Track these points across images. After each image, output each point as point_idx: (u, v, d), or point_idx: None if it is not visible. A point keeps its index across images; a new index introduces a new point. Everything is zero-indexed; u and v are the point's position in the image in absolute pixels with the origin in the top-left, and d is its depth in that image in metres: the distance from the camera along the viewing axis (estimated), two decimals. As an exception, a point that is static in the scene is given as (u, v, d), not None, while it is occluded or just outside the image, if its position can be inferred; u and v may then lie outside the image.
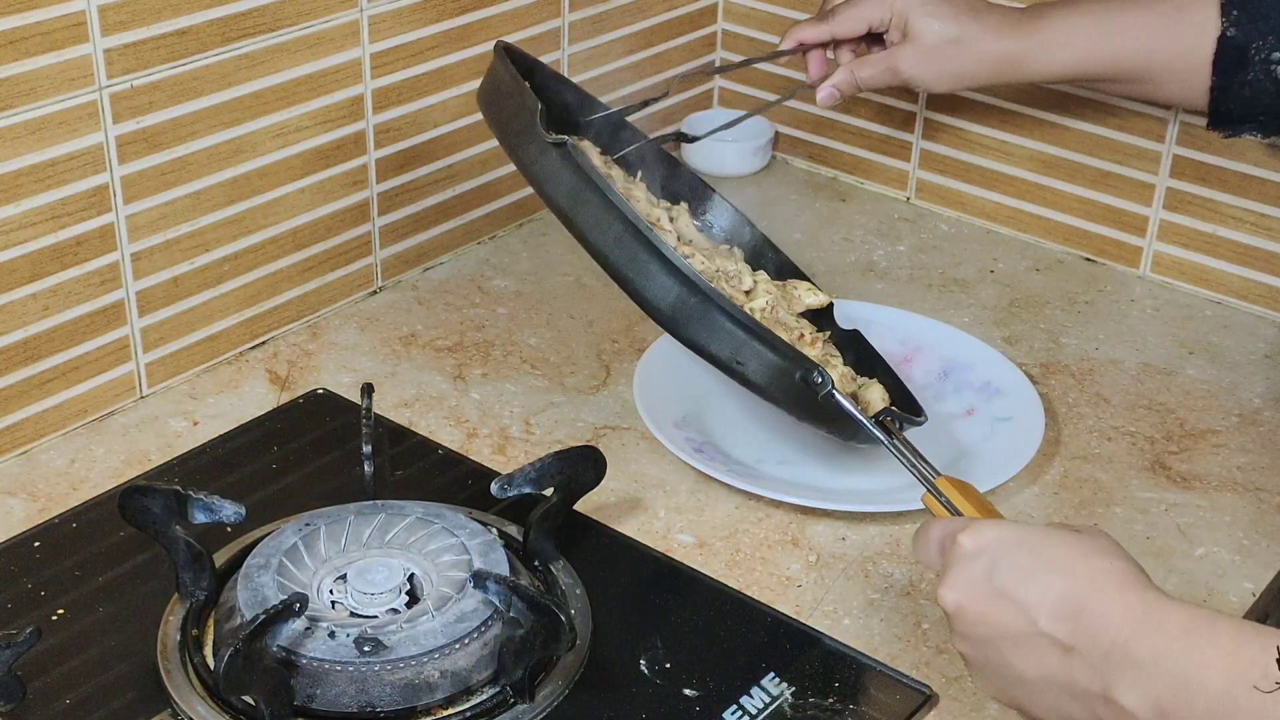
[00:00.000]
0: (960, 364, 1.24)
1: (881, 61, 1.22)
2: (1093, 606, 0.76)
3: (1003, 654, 0.79)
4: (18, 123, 1.04)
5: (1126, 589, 0.76)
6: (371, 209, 1.32)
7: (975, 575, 0.79)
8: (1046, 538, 0.80)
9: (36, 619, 0.95)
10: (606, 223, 1.02)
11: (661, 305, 1.01)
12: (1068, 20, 1.19)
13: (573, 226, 1.04)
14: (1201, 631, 0.73)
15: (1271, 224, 1.34)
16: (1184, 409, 1.23)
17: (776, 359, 1.01)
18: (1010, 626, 0.78)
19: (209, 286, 1.21)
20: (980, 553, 0.80)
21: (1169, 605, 0.75)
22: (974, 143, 1.48)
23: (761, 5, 1.56)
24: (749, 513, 1.09)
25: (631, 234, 1.01)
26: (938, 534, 0.84)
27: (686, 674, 0.93)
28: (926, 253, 1.46)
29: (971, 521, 0.83)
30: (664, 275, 1.01)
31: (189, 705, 0.89)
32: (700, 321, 1.01)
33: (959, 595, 0.80)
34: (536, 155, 1.04)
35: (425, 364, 1.25)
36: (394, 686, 0.88)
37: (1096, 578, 0.77)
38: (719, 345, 1.01)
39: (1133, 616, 0.75)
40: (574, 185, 1.03)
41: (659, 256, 1.01)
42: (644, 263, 1.01)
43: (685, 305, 1.01)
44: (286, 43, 1.19)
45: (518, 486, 0.99)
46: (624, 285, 1.03)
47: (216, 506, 0.95)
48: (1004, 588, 0.78)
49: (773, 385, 1.02)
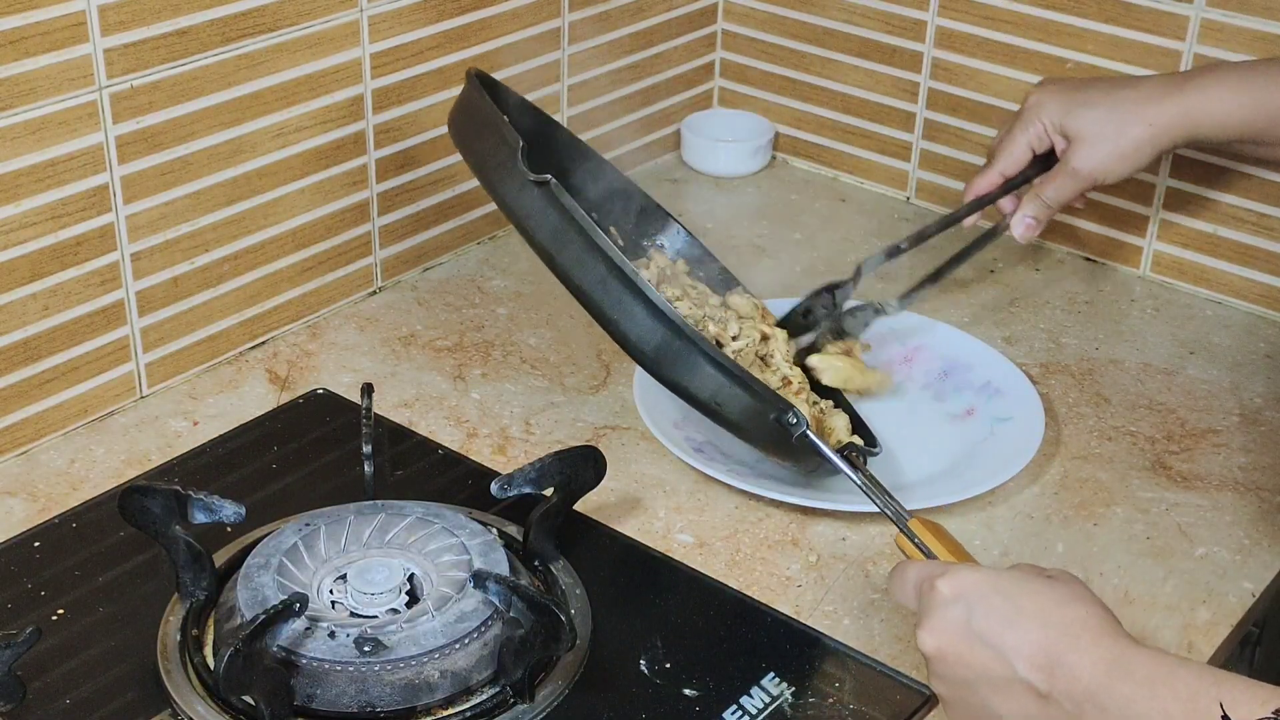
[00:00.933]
0: (960, 364, 1.24)
1: (1060, 171, 1.21)
2: (1067, 656, 0.80)
3: (980, 696, 0.83)
4: (18, 123, 1.04)
5: (1100, 638, 0.80)
6: (371, 209, 1.32)
7: (954, 620, 0.83)
8: (1022, 585, 0.83)
9: (36, 619, 0.95)
10: (590, 264, 1.02)
11: (645, 348, 1.02)
12: (1223, 75, 1.18)
13: (554, 265, 1.04)
14: (1164, 681, 0.77)
15: (1271, 224, 1.34)
16: (1184, 409, 1.23)
17: (753, 401, 1.02)
18: (989, 671, 0.82)
19: (209, 286, 1.21)
20: (958, 598, 0.83)
21: (1136, 654, 0.79)
22: (974, 143, 1.48)
23: (761, 5, 1.56)
24: (749, 513, 1.09)
25: (616, 276, 1.01)
26: (914, 577, 0.88)
27: (686, 674, 0.93)
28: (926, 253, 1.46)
29: (949, 567, 0.87)
30: (648, 318, 1.01)
31: (189, 705, 0.89)
32: (683, 364, 1.02)
33: (938, 640, 0.83)
34: (516, 192, 1.04)
35: (425, 364, 1.25)
36: (394, 686, 0.88)
37: (1071, 627, 0.81)
38: (699, 386, 1.02)
39: (1104, 665, 0.79)
40: (557, 225, 1.02)
41: (643, 300, 1.01)
42: (628, 305, 1.02)
43: (669, 348, 1.02)
44: (286, 43, 1.19)
45: (518, 486, 0.99)
46: (607, 326, 1.03)
47: (216, 506, 0.95)
48: (983, 634, 0.82)
49: (749, 424, 1.03)
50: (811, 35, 1.54)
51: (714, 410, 1.03)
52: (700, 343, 1.01)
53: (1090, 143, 1.19)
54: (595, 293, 1.02)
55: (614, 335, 1.03)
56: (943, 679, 0.85)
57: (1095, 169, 1.20)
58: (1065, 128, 1.20)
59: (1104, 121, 1.18)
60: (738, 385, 1.01)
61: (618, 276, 1.01)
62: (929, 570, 0.87)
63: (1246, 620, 1.03)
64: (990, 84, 1.45)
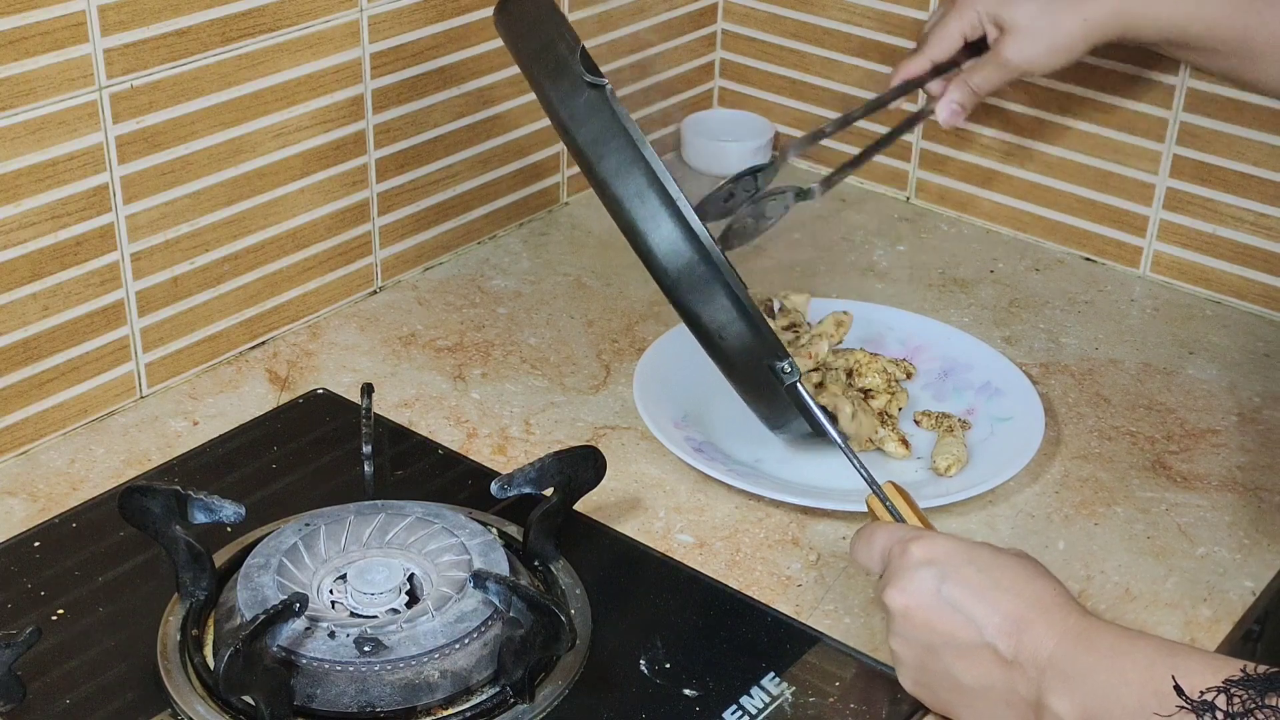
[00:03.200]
0: (960, 364, 1.24)
1: (989, 61, 1.20)
2: (1035, 626, 0.83)
3: (944, 661, 0.86)
4: (18, 123, 1.04)
5: (1066, 612, 0.84)
6: (371, 209, 1.32)
7: (925, 584, 0.86)
8: (994, 558, 0.87)
9: (36, 619, 0.95)
10: (631, 174, 0.99)
11: (669, 267, 0.99)
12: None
13: (593, 172, 1.00)
14: (1125, 652, 0.80)
15: (1271, 224, 1.34)
16: (1184, 409, 1.23)
17: (755, 341, 1.00)
18: (956, 636, 0.84)
19: (209, 286, 1.21)
20: (931, 563, 0.86)
21: (1098, 626, 0.83)
22: (974, 143, 1.48)
23: (761, 5, 1.56)
24: (749, 513, 1.09)
25: (655, 190, 0.98)
26: (884, 539, 0.90)
27: (686, 674, 0.93)
28: (926, 253, 1.46)
29: (923, 532, 0.90)
30: (680, 239, 0.99)
31: (189, 705, 0.89)
32: (702, 290, 0.99)
33: (907, 600, 0.86)
34: (567, 93, 1.01)
35: (425, 364, 1.25)
36: (394, 686, 0.88)
37: (1040, 599, 0.84)
38: (710, 316, 1.00)
39: (1070, 636, 0.82)
40: (603, 130, 0.99)
41: (679, 217, 0.98)
42: (662, 222, 0.99)
43: (693, 273, 0.99)
44: (286, 43, 1.19)
45: (518, 486, 0.99)
46: (634, 239, 1.00)
47: (216, 506, 0.95)
48: (954, 599, 0.85)
49: (743, 364, 1.01)
50: (811, 35, 1.54)
51: (715, 343, 1.01)
52: (725, 273, 0.99)
53: (1023, 35, 1.17)
54: (631, 204, 0.99)
55: (640, 250, 1.00)
56: (904, 639, 0.87)
57: (1025, 61, 1.19)
58: (999, 18, 1.19)
59: (1038, 15, 1.17)
60: (747, 323, 1.00)
61: (657, 191, 0.98)
62: (901, 533, 0.90)
63: (1248, 618, 1.03)
64: (990, 84, 1.45)
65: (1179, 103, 1.35)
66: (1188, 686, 0.77)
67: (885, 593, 0.87)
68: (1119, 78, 1.37)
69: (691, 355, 1.23)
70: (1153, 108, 1.36)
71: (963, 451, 1.13)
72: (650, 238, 0.99)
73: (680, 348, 1.24)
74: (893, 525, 0.93)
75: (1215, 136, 1.34)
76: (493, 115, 1.39)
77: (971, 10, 1.20)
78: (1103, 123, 1.40)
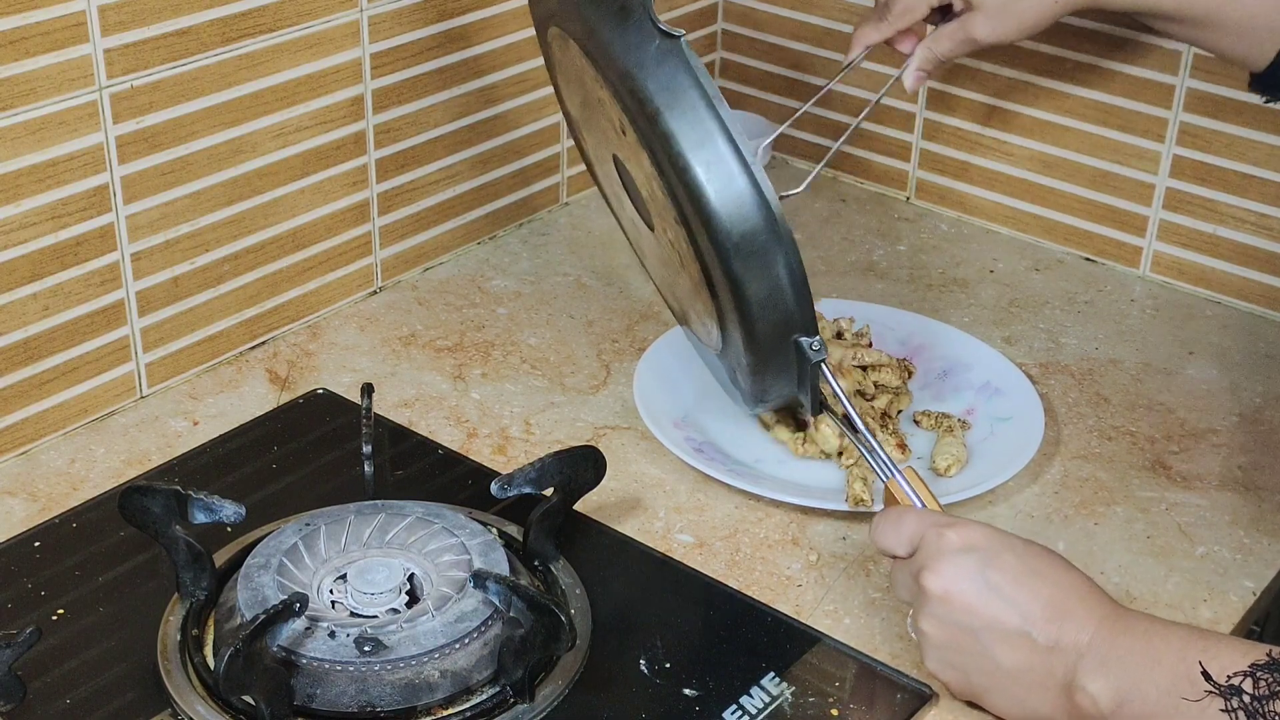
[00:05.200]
0: (960, 364, 1.24)
1: (957, 33, 1.17)
2: (1076, 612, 0.85)
3: (982, 643, 0.87)
4: (18, 123, 1.04)
5: (1101, 599, 0.87)
6: (371, 209, 1.32)
7: (967, 569, 0.87)
8: (1026, 547, 0.89)
9: (36, 619, 0.95)
10: (703, 132, 0.95)
11: (731, 229, 0.95)
12: None
13: (657, 123, 0.96)
14: (1158, 636, 0.83)
15: (1271, 224, 1.34)
16: (1184, 409, 1.23)
17: (796, 314, 0.99)
18: (999, 621, 0.86)
19: (209, 286, 1.21)
20: (972, 549, 0.88)
21: (1132, 614, 0.86)
22: (974, 143, 1.48)
23: (761, 5, 1.56)
24: (749, 513, 1.09)
25: (730, 149, 0.95)
26: (915, 524, 0.91)
27: (686, 674, 0.93)
28: (926, 253, 1.46)
29: (957, 519, 0.91)
30: (749, 204, 0.95)
31: (189, 705, 0.89)
32: (761, 257, 0.96)
33: (947, 583, 0.87)
34: (635, 42, 0.96)
35: (425, 364, 1.25)
36: (394, 686, 0.88)
37: (1076, 587, 0.87)
38: (761, 283, 0.97)
39: (1107, 622, 0.85)
40: (675, 81, 0.95)
41: (751, 181, 0.95)
42: (732, 182, 0.95)
43: (755, 239, 0.96)
44: (286, 43, 1.19)
45: (518, 486, 0.99)
46: (696, 199, 0.96)
47: (216, 506, 0.95)
48: (997, 585, 0.86)
49: (771, 334, 1.00)
50: (811, 35, 1.54)
51: (752, 310, 0.98)
52: (788, 243, 0.96)
53: (991, 13, 1.14)
54: (698, 158, 0.95)
55: (701, 210, 0.96)
56: (940, 620, 0.88)
57: (993, 37, 1.16)
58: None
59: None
60: (794, 295, 0.98)
61: (732, 150, 0.95)
62: (934, 519, 0.91)
63: (1248, 618, 1.03)
64: (989, 84, 1.45)
65: (1179, 103, 1.35)
66: (1215, 671, 0.79)
67: (922, 576, 0.88)
68: (1119, 77, 1.37)
69: (691, 355, 1.23)
70: (1153, 108, 1.36)
71: (963, 451, 1.13)
72: (716, 200, 0.95)
73: (680, 348, 1.24)
74: (922, 511, 0.93)
75: (1215, 136, 1.34)
76: (493, 115, 1.39)
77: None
78: (1103, 122, 1.40)
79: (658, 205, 1.03)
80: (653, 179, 1.00)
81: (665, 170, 0.97)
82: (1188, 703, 0.79)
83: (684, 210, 0.97)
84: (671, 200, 0.98)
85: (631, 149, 1.02)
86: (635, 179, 1.07)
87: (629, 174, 1.08)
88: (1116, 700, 0.82)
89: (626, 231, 1.21)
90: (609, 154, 1.11)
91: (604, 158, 1.14)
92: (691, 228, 0.98)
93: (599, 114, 1.07)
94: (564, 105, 1.18)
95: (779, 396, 1.06)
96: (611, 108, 1.01)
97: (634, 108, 0.97)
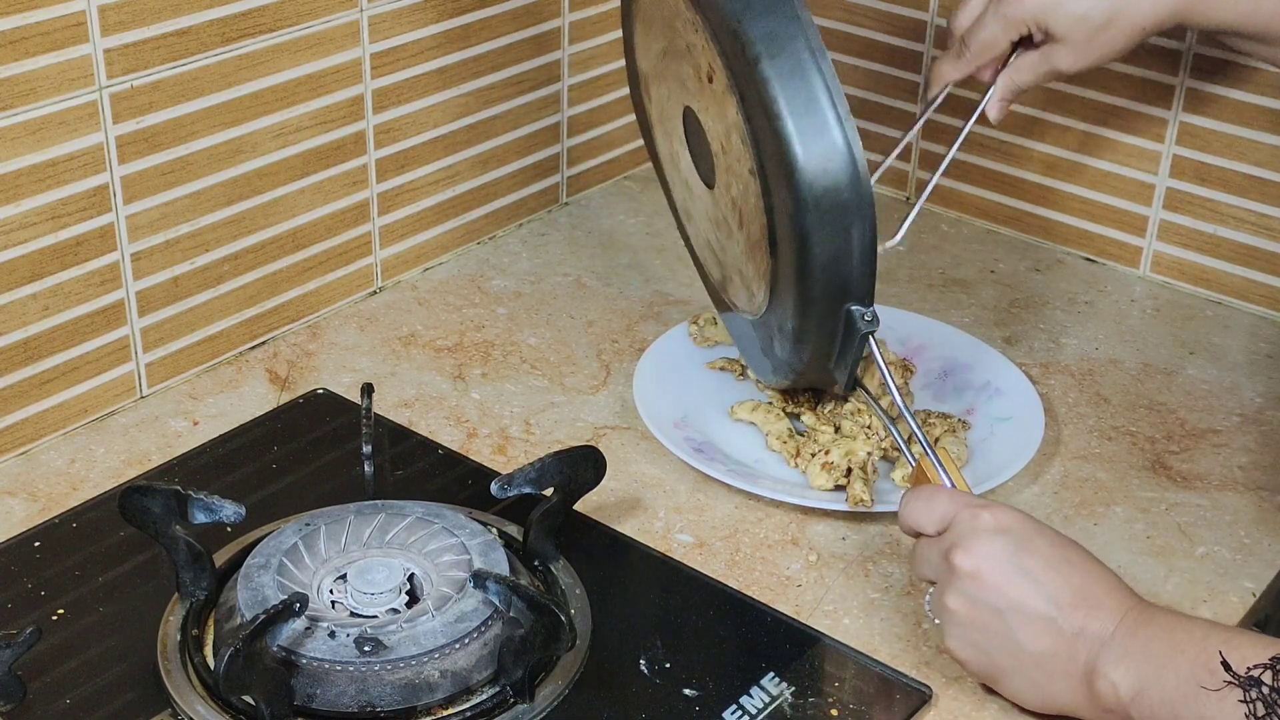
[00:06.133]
0: (960, 364, 1.24)
1: (1039, 64, 1.14)
2: (1104, 601, 0.87)
3: (1007, 624, 0.88)
4: (18, 123, 1.04)
5: (1126, 592, 0.88)
6: (371, 209, 1.32)
7: (1000, 550, 0.88)
8: (1055, 535, 0.90)
9: (36, 619, 0.95)
10: (802, 82, 0.94)
11: (814, 183, 0.94)
12: None
13: (756, 71, 0.95)
14: (1180, 628, 0.84)
15: (1271, 224, 1.34)
16: (1184, 409, 1.23)
17: (857, 282, 0.98)
18: (1025, 604, 0.87)
19: (209, 286, 1.21)
20: (1006, 531, 0.89)
21: (1155, 607, 0.87)
22: (974, 143, 1.48)
23: (761, 5, 1.56)
24: (749, 513, 1.09)
25: (829, 103, 0.94)
26: (948, 503, 0.92)
27: (686, 674, 0.93)
28: (926, 253, 1.46)
29: (990, 502, 0.92)
30: (841, 158, 0.95)
31: (189, 705, 0.89)
32: (839, 216, 0.96)
33: (980, 562, 0.88)
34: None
35: (425, 364, 1.25)
36: (394, 686, 0.88)
37: (1105, 579, 0.88)
38: (830, 243, 0.96)
39: (1132, 614, 0.86)
40: (782, 30, 0.94)
41: (844, 139, 0.95)
42: (826, 137, 0.94)
43: (838, 195, 0.95)
44: (286, 43, 1.19)
45: (518, 486, 0.99)
46: (784, 148, 0.94)
47: (216, 506, 0.95)
48: (1029, 569, 0.87)
49: (827, 300, 0.99)
50: (811, 35, 1.54)
51: (812, 271, 0.97)
52: (869, 207, 0.96)
53: (1073, 45, 1.12)
54: (793, 108, 0.94)
55: (786, 160, 0.95)
56: (968, 599, 0.88)
57: (1075, 69, 1.14)
58: (1048, 26, 1.12)
59: (1090, 24, 1.11)
60: (861, 261, 0.97)
61: (828, 103, 0.94)
62: (967, 499, 0.92)
63: (1248, 619, 1.03)
64: (990, 84, 1.45)
65: (1179, 103, 1.35)
66: (1235, 662, 0.80)
67: (953, 553, 0.89)
68: (1119, 77, 1.37)
69: (692, 355, 1.23)
70: (1153, 108, 1.36)
71: (963, 451, 1.13)
72: (803, 152, 0.94)
73: (680, 348, 1.24)
74: (954, 491, 0.94)
75: (1215, 136, 1.34)
76: (493, 115, 1.39)
77: (1019, 19, 1.14)
78: (1103, 123, 1.40)
79: (730, 158, 1.02)
80: (734, 129, 0.99)
81: (755, 117, 0.96)
82: (1206, 692, 0.80)
83: (765, 160, 0.96)
84: (753, 149, 0.97)
85: (715, 98, 1.01)
86: (709, 131, 1.06)
87: (701, 128, 1.07)
88: (1136, 688, 0.83)
89: (674, 196, 1.22)
90: (679, 107, 1.10)
91: (671, 113, 1.13)
92: (769, 178, 0.97)
93: (682, 62, 1.06)
94: (633, 59, 1.18)
95: (813, 370, 1.06)
96: (703, 53, 1.01)
97: (734, 51, 0.96)
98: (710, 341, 1.25)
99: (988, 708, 0.93)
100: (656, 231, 1.46)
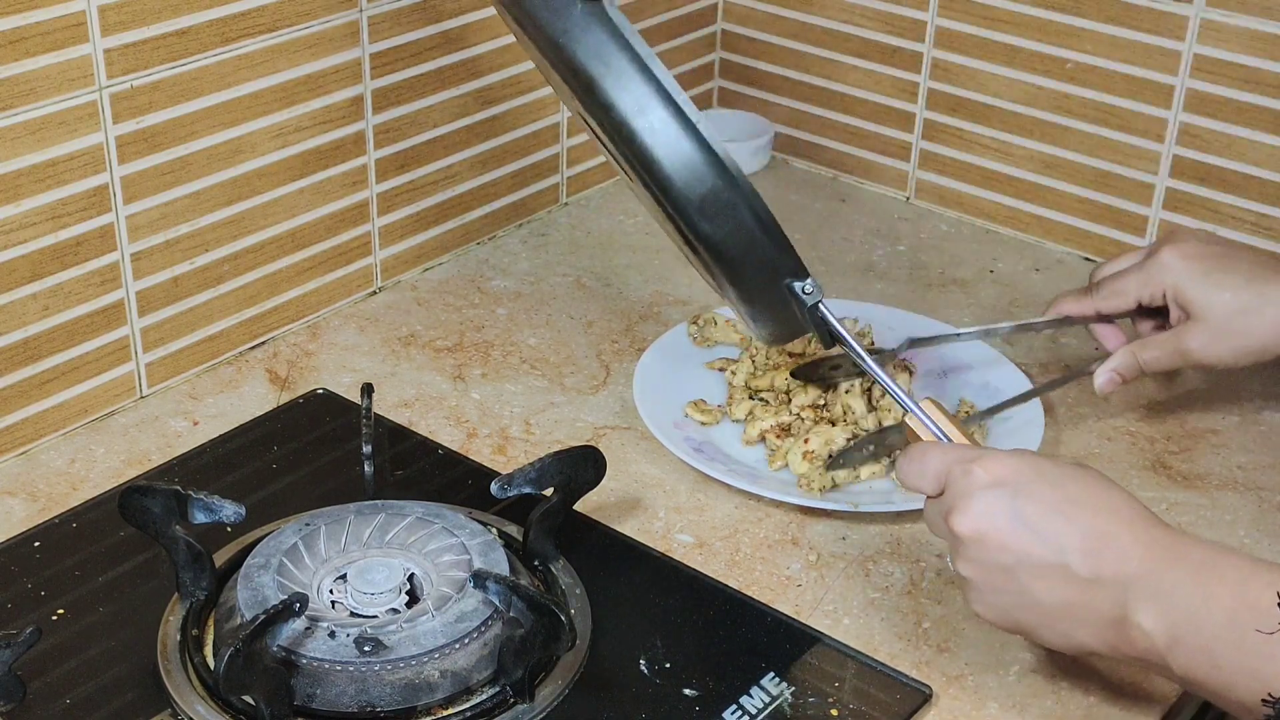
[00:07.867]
0: (960, 364, 1.24)
1: (1168, 344, 1.10)
2: (1120, 539, 0.81)
3: (1020, 581, 0.83)
4: (18, 123, 1.04)
5: (1149, 525, 0.81)
6: (371, 209, 1.32)
7: (997, 506, 0.83)
8: (1062, 472, 0.84)
9: (36, 619, 0.95)
10: (640, 97, 0.92)
11: (690, 193, 0.93)
12: None
13: (594, 96, 0.92)
14: (1214, 566, 0.78)
15: (1271, 224, 1.34)
16: (1184, 409, 1.23)
17: (780, 261, 0.97)
18: (1032, 556, 0.82)
19: (209, 286, 1.21)
20: (1000, 483, 0.83)
21: (1185, 541, 0.80)
22: (974, 143, 1.48)
23: (761, 5, 1.56)
24: (749, 513, 1.09)
25: (671, 112, 0.92)
26: (939, 460, 0.87)
27: (686, 674, 0.93)
28: (926, 253, 1.46)
29: (983, 451, 0.86)
30: (701, 163, 0.93)
31: (189, 705, 0.89)
32: (726, 215, 0.94)
33: (977, 524, 0.83)
34: (558, 7, 0.93)
35: (425, 364, 1.25)
36: (394, 686, 0.88)
37: (1120, 511, 0.82)
38: (735, 239, 0.95)
39: (1155, 551, 0.80)
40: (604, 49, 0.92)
41: (699, 141, 0.93)
42: (678, 143, 0.93)
43: (716, 198, 0.93)
44: (286, 43, 1.19)
45: (518, 486, 0.99)
46: (649, 166, 0.93)
47: (216, 506, 0.95)
48: (1030, 519, 0.82)
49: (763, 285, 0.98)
50: (811, 35, 1.54)
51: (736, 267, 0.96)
52: (750, 194, 0.94)
53: (1212, 330, 1.07)
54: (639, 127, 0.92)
55: (658, 179, 0.93)
56: (976, 562, 0.84)
57: (1210, 358, 1.09)
58: (1189, 303, 1.08)
59: (1234, 311, 1.06)
60: (772, 242, 0.95)
61: (673, 112, 0.92)
62: (958, 453, 0.86)
63: (1246, 620, 1.03)
64: (989, 84, 1.45)
65: (1179, 103, 1.35)
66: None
67: (951, 519, 0.84)
68: (1119, 77, 1.37)
69: (691, 355, 1.23)
70: (1153, 108, 1.36)
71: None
72: (667, 163, 0.93)
73: (680, 348, 1.24)
74: (946, 445, 0.89)
75: (1215, 136, 1.34)
76: (493, 115, 1.39)
77: (1159, 282, 1.10)
78: (1103, 123, 1.40)
79: (627, 171, 1.01)
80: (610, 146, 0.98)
81: (615, 140, 0.94)
82: (1261, 635, 0.74)
83: (643, 178, 0.95)
84: (631, 168, 0.96)
85: (583, 118, 0.99)
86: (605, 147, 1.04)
87: None
88: (1171, 635, 0.78)
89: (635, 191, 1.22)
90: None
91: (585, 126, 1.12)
92: (654, 193, 0.96)
93: (556, 84, 1.03)
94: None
95: (793, 334, 1.05)
96: (554, 78, 0.98)
97: (569, 78, 0.94)
98: (710, 341, 1.25)
99: (988, 707, 0.93)
100: (656, 231, 1.46)
